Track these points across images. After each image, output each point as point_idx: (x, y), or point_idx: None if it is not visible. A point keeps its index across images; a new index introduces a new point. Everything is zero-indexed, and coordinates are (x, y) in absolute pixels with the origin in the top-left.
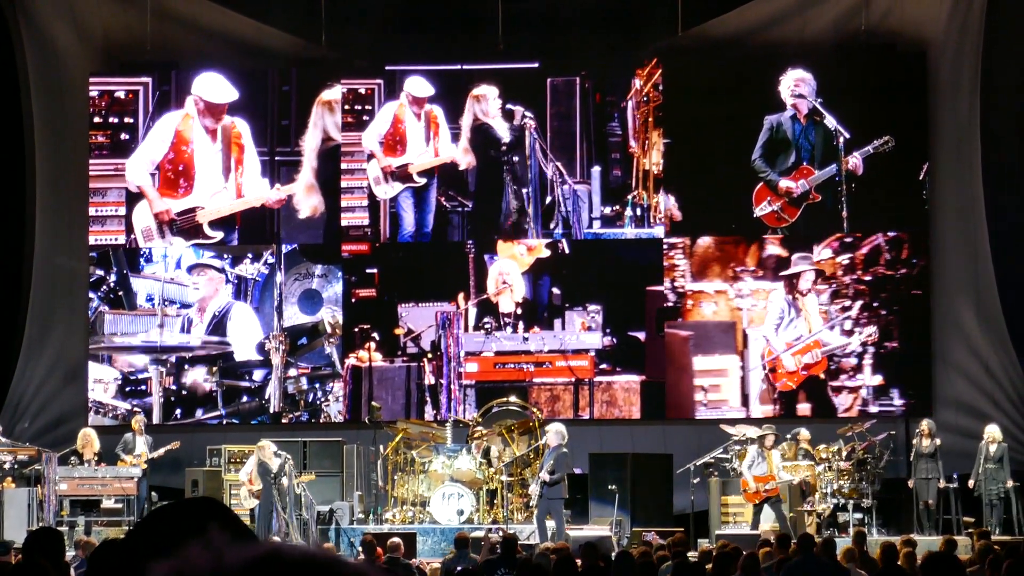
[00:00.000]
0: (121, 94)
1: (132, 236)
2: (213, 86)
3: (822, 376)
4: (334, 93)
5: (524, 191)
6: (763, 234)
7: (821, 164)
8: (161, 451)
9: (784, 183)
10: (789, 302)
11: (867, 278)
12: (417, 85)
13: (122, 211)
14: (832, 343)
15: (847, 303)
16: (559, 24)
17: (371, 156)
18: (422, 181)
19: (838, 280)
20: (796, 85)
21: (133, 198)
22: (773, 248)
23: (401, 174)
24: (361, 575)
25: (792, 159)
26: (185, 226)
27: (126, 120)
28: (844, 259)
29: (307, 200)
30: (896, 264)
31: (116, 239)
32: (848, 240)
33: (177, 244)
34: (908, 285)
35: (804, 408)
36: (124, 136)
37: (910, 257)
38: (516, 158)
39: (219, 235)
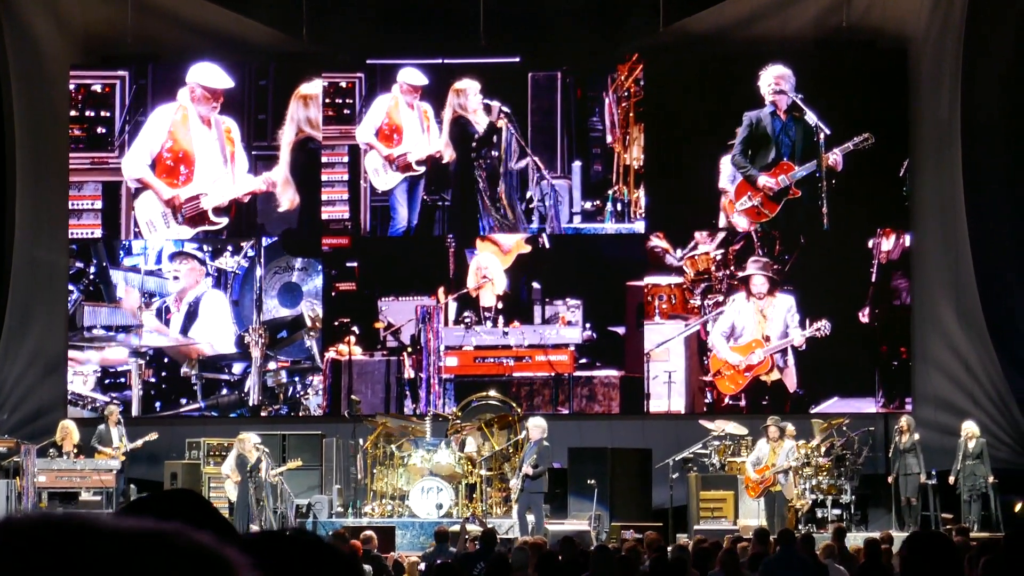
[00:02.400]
0: (98, 88)
1: (136, 229)
2: (208, 73)
3: (770, 382)
4: (311, 87)
5: (499, 187)
6: (742, 231)
7: (801, 160)
8: (139, 442)
9: (763, 179)
10: (740, 310)
11: (740, 274)
12: (412, 75)
13: (99, 204)
14: (777, 340)
15: (720, 298)
16: (541, 19)
17: (368, 149)
18: (421, 170)
19: (712, 276)
20: (776, 81)
21: (112, 191)
22: None
23: (401, 164)
24: (93, 528)
25: (772, 155)
26: (190, 213)
27: (103, 114)
28: (717, 254)
29: (284, 194)
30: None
31: (93, 232)
32: (722, 235)
33: (182, 233)
34: (888, 279)
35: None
36: (101, 130)
37: (892, 252)
38: (494, 153)
39: (223, 221)
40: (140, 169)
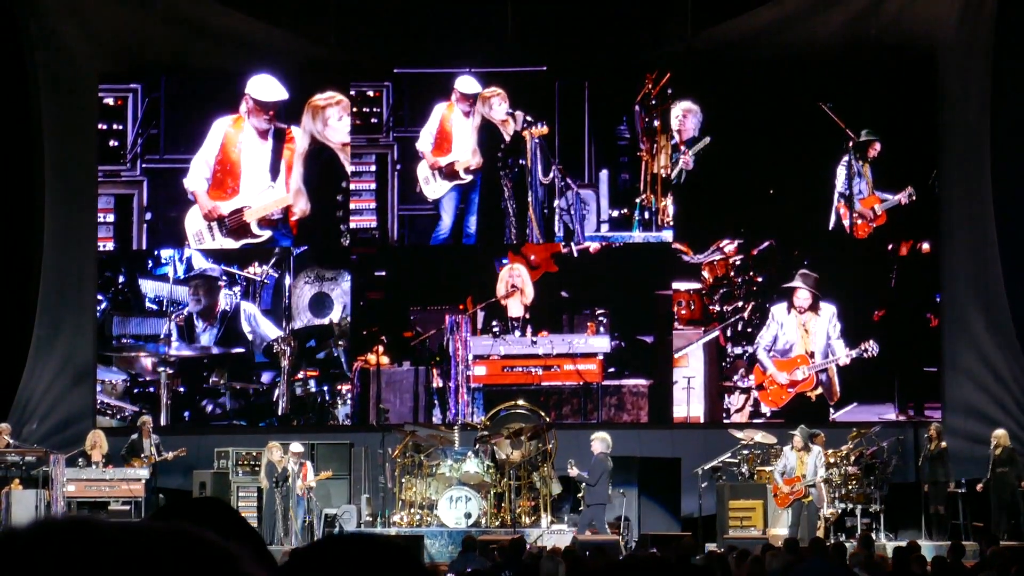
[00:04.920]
0: (110, 101)
1: (186, 243)
2: (264, 85)
3: (812, 397)
4: (324, 98)
5: (527, 198)
6: (760, 239)
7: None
8: (170, 455)
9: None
10: (783, 323)
11: (759, 279)
12: (466, 83)
13: (111, 218)
14: (825, 359)
15: (739, 304)
16: (568, 28)
17: (421, 157)
18: (468, 178)
19: (732, 281)
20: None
21: (125, 204)
22: None
23: (448, 171)
24: (97, 529)
25: None
26: (233, 226)
27: (115, 126)
28: (736, 259)
29: (296, 203)
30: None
31: (104, 246)
32: (741, 242)
33: (227, 244)
34: (918, 288)
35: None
36: (113, 143)
37: (921, 260)
38: (521, 162)
39: (267, 234)
40: (195, 181)
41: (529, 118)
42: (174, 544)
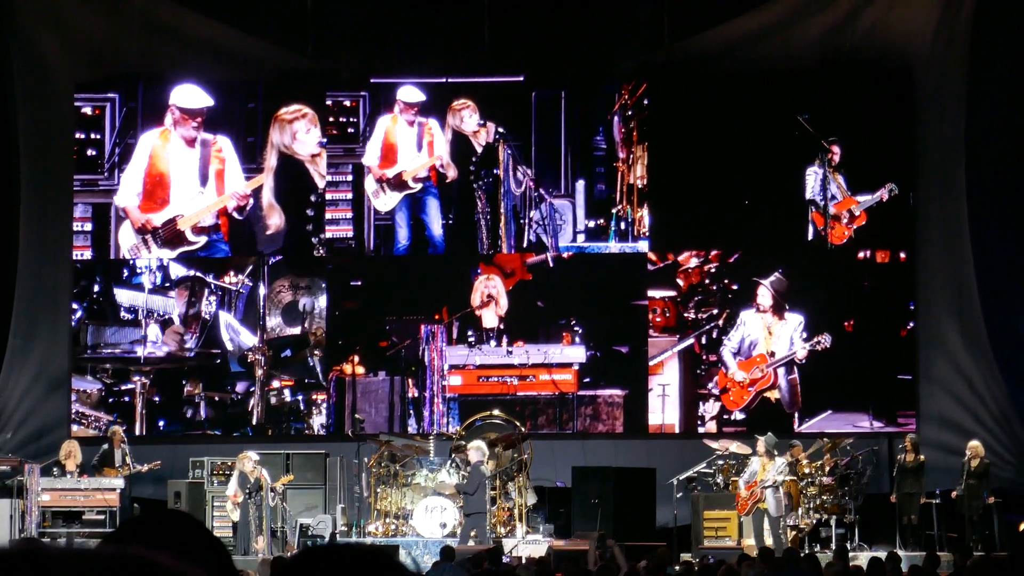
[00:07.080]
0: (88, 110)
1: (121, 255)
2: (188, 94)
3: (774, 399)
4: (290, 111)
5: (501, 208)
6: (735, 249)
7: None
8: (144, 468)
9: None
10: (746, 323)
11: (734, 287)
12: (409, 92)
13: (88, 227)
14: (781, 355)
15: (714, 311)
16: (545, 38)
17: (368, 171)
18: (417, 187)
19: (707, 288)
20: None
21: (102, 213)
22: None
23: (396, 182)
24: (53, 558)
25: None
26: (168, 236)
27: (93, 136)
28: (711, 267)
29: (269, 217)
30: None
31: (82, 255)
32: (702, 255)
33: (163, 255)
34: (892, 297)
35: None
36: (91, 152)
37: (896, 271)
38: (495, 172)
39: (202, 240)
40: (127, 197)
41: (501, 129)
42: (125, 570)
